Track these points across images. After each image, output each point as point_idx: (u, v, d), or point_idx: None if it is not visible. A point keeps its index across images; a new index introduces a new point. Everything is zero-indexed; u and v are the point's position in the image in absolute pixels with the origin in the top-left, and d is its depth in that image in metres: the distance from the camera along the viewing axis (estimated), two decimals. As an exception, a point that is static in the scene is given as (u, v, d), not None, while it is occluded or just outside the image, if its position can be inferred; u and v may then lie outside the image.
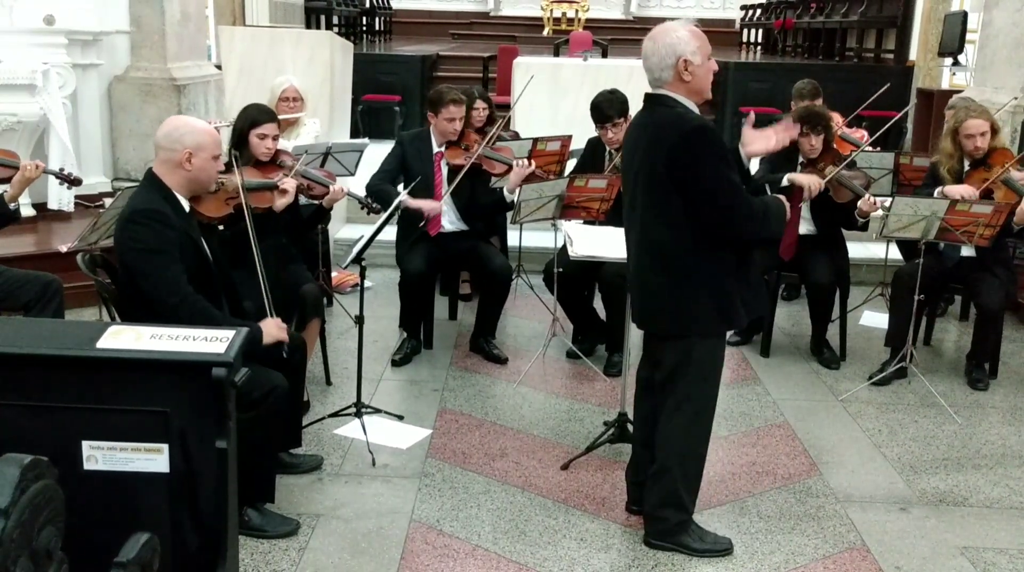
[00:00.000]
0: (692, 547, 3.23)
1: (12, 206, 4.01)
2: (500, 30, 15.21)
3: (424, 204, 4.76)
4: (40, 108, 5.83)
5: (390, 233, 4.82)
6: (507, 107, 6.89)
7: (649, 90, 3.07)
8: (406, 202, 4.65)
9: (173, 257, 3.09)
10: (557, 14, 15.47)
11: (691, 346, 3.09)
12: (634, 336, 3.75)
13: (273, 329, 3.25)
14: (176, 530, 2.42)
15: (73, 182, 4.31)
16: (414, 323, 5.01)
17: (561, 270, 4.69)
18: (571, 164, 5.53)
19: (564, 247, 4.56)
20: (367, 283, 4.37)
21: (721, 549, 3.25)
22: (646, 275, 3.11)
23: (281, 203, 3.96)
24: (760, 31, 14.77)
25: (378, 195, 4.70)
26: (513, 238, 5.84)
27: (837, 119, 5.61)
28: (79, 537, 1.93)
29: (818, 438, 4.21)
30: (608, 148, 4.94)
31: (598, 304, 5.08)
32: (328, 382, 4.57)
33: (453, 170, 4.89)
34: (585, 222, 4.74)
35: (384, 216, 4.04)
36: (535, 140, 5.27)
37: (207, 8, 9.24)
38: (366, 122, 9.77)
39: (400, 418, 4.19)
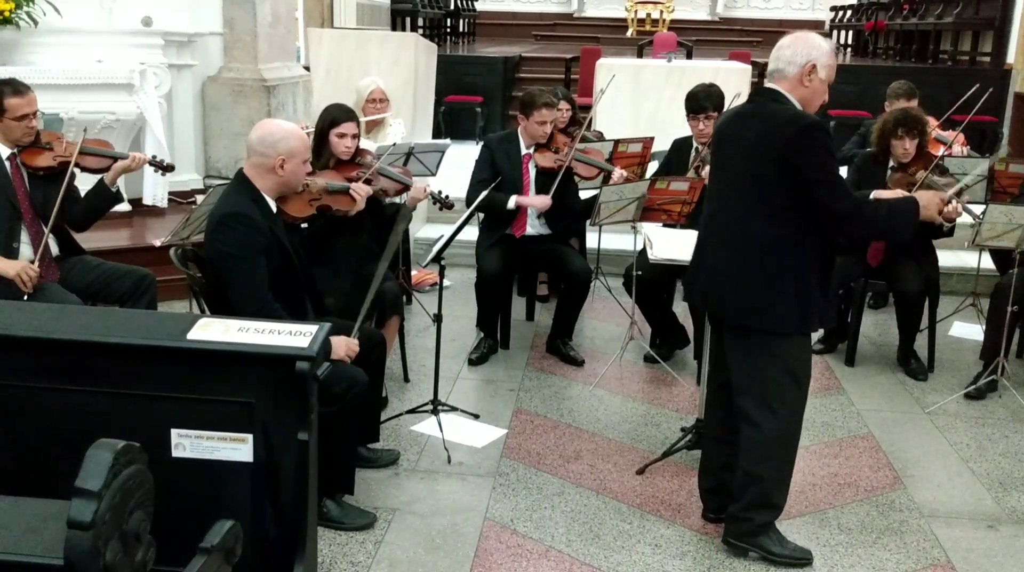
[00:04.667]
0: (771, 550, 3.18)
1: (113, 189, 4.15)
2: (583, 31, 15.18)
3: (536, 201, 4.82)
4: (137, 107, 6.03)
5: (470, 233, 4.85)
6: (589, 108, 6.87)
7: (765, 83, 3.07)
8: (520, 201, 4.76)
9: (257, 263, 3.18)
10: (641, 15, 15.36)
11: (771, 344, 3.04)
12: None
13: (341, 349, 3.18)
14: (257, 518, 2.48)
15: (166, 169, 4.43)
16: (491, 323, 5.03)
17: (640, 273, 4.66)
18: (652, 166, 5.49)
19: (644, 250, 4.53)
20: (446, 282, 4.42)
21: (800, 559, 3.19)
22: (734, 267, 3.05)
23: (353, 210, 3.90)
24: (850, 33, 14.42)
25: (486, 204, 4.53)
26: (592, 240, 5.83)
27: (931, 123, 5.45)
28: (166, 521, 1.99)
29: (903, 451, 4.09)
30: (695, 144, 4.89)
31: (675, 308, 5.04)
32: (406, 379, 4.62)
33: (542, 172, 4.90)
34: (665, 225, 4.70)
35: (464, 216, 4.07)
36: (616, 142, 5.25)
37: (297, 11, 9.44)
38: (448, 123, 9.86)
39: (476, 417, 4.22)
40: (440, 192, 4.48)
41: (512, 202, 4.80)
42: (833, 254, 3.10)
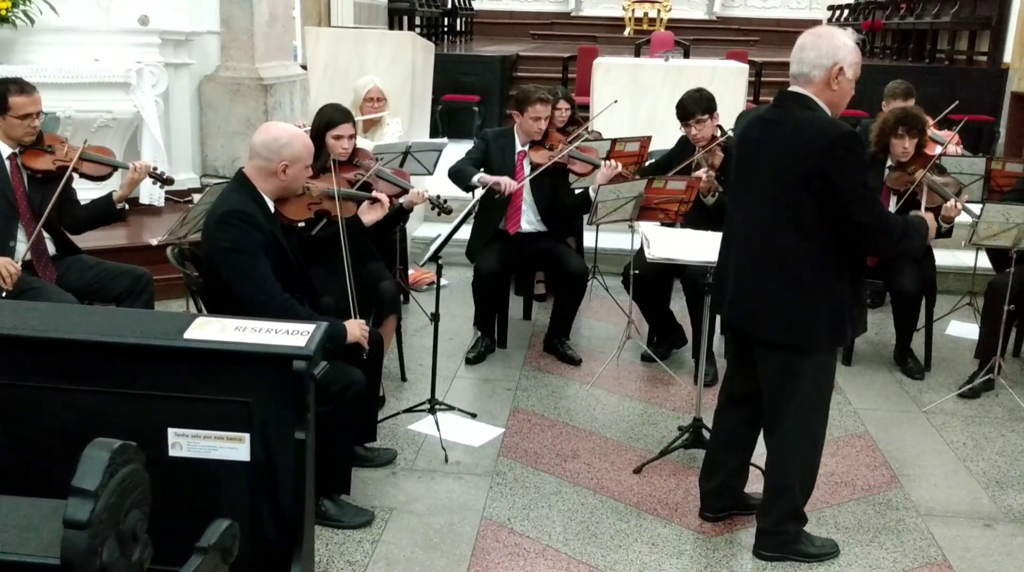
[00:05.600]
0: (809, 553, 3.20)
1: (119, 206, 4.16)
2: (580, 30, 15.17)
3: (502, 179, 4.80)
4: (134, 106, 6.03)
5: (467, 232, 4.85)
6: (586, 107, 6.86)
7: (790, 87, 2.97)
8: (483, 178, 4.79)
9: (261, 257, 3.18)
10: (639, 14, 15.35)
11: (802, 359, 2.99)
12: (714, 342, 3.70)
13: (356, 330, 3.35)
14: (255, 518, 2.48)
15: (166, 182, 4.43)
16: (488, 322, 5.03)
17: (637, 272, 4.66)
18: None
19: (641, 249, 4.53)
20: (443, 281, 4.41)
21: (830, 552, 3.24)
22: (763, 280, 2.98)
23: (370, 218, 3.83)
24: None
25: (457, 174, 4.83)
26: (589, 239, 5.83)
27: (928, 122, 5.46)
28: (163, 521, 1.98)
29: (900, 450, 4.10)
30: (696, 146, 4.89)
31: (673, 307, 5.04)
32: (403, 378, 4.62)
33: (536, 169, 4.90)
34: (662, 224, 4.70)
35: (461, 215, 4.06)
36: (614, 141, 5.25)
37: (294, 9, 9.42)
38: (445, 122, 9.85)
39: (473, 416, 4.22)
40: (439, 197, 4.47)
41: (476, 178, 4.81)
42: (863, 264, 3.03)
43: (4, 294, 3.79)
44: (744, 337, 3.16)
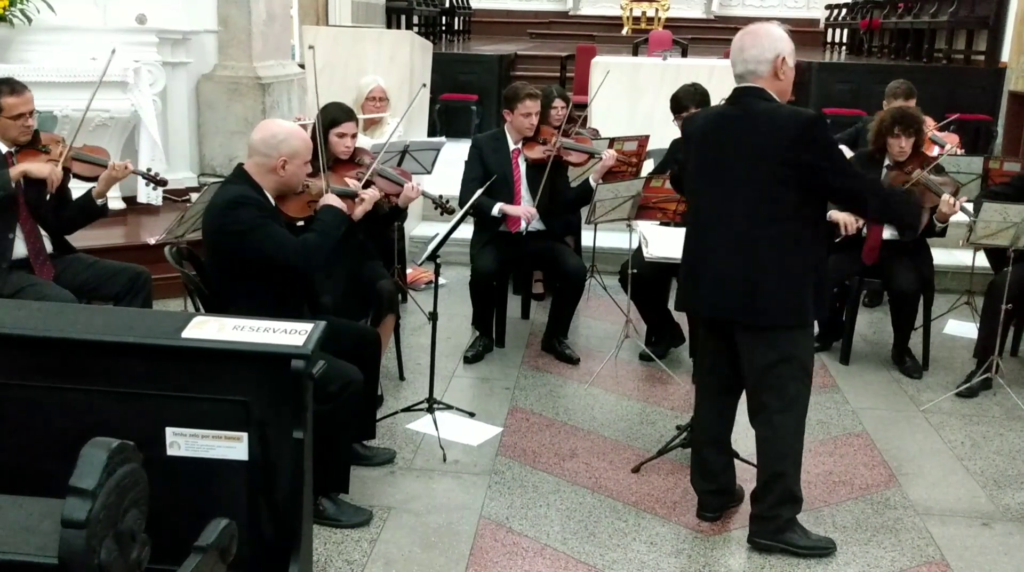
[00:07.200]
0: (798, 544, 3.20)
1: (100, 202, 4.15)
2: (579, 29, 15.17)
3: (521, 210, 4.81)
4: (131, 105, 6.01)
5: (466, 231, 4.85)
6: (584, 107, 6.87)
7: (740, 84, 3.09)
8: (504, 209, 4.73)
9: (270, 223, 3.22)
10: (637, 13, 15.35)
11: (789, 339, 3.08)
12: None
13: (335, 197, 3.52)
14: (253, 517, 2.48)
15: (159, 183, 4.41)
16: (486, 321, 5.03)
17: (636, 271, 4.66)
18: (648, 165, 5.48)
19: (639, 248, 4.53)
20: (441, 280, 4.42)
21: (824, 548, 3.24)
22: (754, 269, 3.03)
23: (359, 212, 3.83)
24: (845, 31, 14.45)
25: (477, 210, 4.67)
26: (587, 238, 5.83)
27: (929, 123, 5.46)
28: (161, 520, 1.98)
29: (898, 449, 4.10)
30: None
31: (671, 306, 5.04)
32: (401, 377, 4.62)
33: (532, 166, 4.90)
34: (660, 223, 4.70)
35: (459, 214, 4.06)
36: (612, 140, 5.25)
37: (292, 8, 9.42)
38: (443, 121, 9.86)
39: (471, 415, 4.21)
40: (441, 197, 4.45)
41: (496, 209, 4.78)
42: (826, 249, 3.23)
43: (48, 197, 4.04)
44: (724, 330, 3.19)
